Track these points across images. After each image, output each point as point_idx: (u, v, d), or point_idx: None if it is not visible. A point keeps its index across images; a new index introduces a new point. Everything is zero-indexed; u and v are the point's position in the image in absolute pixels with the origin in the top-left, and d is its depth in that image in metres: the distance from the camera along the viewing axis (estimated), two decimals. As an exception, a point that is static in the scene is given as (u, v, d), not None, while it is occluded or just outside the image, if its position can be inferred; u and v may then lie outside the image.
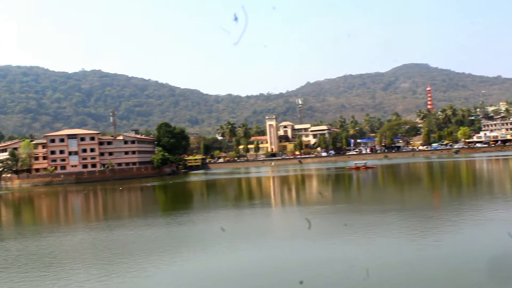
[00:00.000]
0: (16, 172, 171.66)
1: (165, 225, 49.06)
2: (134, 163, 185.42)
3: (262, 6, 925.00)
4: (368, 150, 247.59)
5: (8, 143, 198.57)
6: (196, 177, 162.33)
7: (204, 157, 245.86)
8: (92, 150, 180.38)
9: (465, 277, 23.57)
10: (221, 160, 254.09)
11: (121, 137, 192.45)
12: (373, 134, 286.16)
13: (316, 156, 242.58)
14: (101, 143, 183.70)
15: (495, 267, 25.01)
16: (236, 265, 29.20)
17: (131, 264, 30.83)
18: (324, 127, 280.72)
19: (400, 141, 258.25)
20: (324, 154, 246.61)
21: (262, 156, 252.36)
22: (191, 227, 46.15)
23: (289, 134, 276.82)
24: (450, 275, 24.03)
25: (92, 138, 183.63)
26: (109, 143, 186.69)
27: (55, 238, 44.43)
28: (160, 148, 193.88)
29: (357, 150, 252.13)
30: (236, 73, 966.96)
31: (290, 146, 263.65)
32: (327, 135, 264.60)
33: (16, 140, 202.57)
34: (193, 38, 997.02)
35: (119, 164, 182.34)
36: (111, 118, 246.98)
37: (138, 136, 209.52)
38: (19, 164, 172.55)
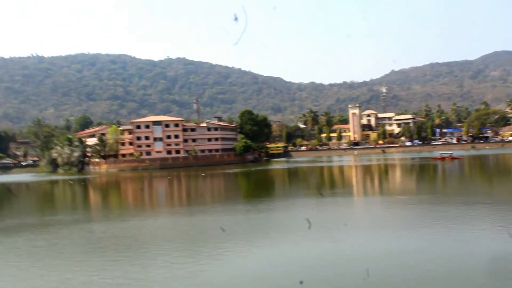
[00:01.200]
0: (104, 157, 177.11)
1: (244, 212, 49.69)
2: (217, 150, 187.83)
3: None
4: (454, 140, 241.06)
5: (97, 129, 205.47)
6: (278, 164, 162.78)
7: (286, 145, 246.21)
8: (176, 136, 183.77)
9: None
10: (303, 148, 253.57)
11: (204, 124, 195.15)
12: (460, 124, 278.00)
13: (400, 146, 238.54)
14: (185, 130, 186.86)
15: None
16: (308, 256, 29.04)
17: (203, 249, 31.49)
18: (409, 116, 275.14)
19: (489, 132, 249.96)
20: (408, 143, 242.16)
21: (345, 144, 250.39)
22: (270, 215, 46.41)
23: (373, 123, 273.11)
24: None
25: (177, 125, 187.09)
26: (192, 129, 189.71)
27: (137, 221, 45.83)
28: (243, 136, 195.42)
29: (442, 140, 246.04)
30: (319, 61, 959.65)
31: (373, 135, 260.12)
32: (411, 124, 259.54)
33: (104, 126, 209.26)
34: (276, 26, 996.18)
35: (202, 151, 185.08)
36: (195, 105, 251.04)
37: (221, 123, 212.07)
38: (107, 149, 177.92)
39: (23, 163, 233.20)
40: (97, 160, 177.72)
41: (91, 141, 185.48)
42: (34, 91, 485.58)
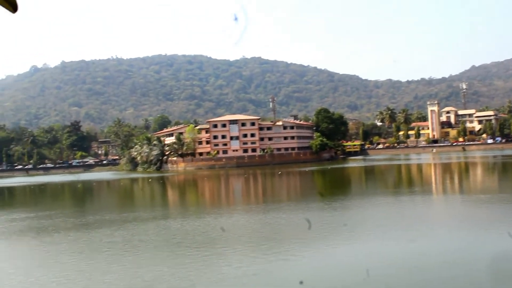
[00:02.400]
0: (182, 155, 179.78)
1: (319, 209, 49.32)
2: (292, 148, 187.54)
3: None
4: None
5: (174, 128, 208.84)
6: (355, 163, 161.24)
7: (363, 143, 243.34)
8: (252, 135, 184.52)
9: None
10: (380, 146, 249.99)
11: (280, 123, 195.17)
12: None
13: (481, 143, 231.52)
14: (261, 129, 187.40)
15: None
16: (379, 256, 28.44)
17: (271, 248, 31.32)
18: (491, 113, 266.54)
19: None
20: (490, 141, 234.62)
21: (423, 142, 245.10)
22: (343, 213, 46.00)
23: (452, 120, 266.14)
24: None
25: (253, 124, 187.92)
26: (268, 128, 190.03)
27: (212, 219, 46.24)
28: (319, 134, 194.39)
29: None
30: (397, 57, 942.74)
31: (452, 132, 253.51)
32: (493, 121, 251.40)
33: (182, 125, 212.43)
34: (353, 24, 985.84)
35: (278, 149, 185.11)
36: (271, 104, 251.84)
37: (297, 121, 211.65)
38: (184, 148, 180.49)
39: (104, 162, 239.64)
40: (175, 158, 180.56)
41: (169, 140, 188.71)
42: (114, 92, 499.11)
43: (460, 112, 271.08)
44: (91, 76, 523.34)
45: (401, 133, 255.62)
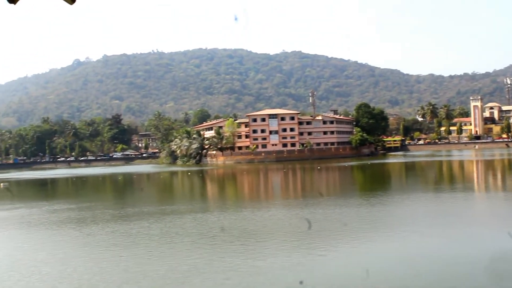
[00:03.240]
0: (221, 149, 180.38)
1: (356, 205, 48.94)
2: (332, 143, 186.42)
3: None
4: None
5: (214, 122, 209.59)
6: (395, 158, 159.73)
7: (403, 138, 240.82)
8: (292, 129, 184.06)
9: None
10: (421, 142, 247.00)
11: (320, 117, 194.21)
12: None
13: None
14: (300, 123, 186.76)
15: None
16: (414, 253, 28.13)
17: (308, 243, 31.26)
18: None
19: None
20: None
21: (465, 138, 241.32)
22: (381, 209, 45.56)
23: (496, 116, 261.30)
24: None
25: (292, 118, 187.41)
26: (308, 123, 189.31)
27: (249, 212, 46.42)
28: (359, 129, 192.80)
29: None
30: (439, 51, 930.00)
31: (496, 128, 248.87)
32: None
33: (221, 119, 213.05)
34: (394, 18, 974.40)
35: (318, 144, 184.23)
36: (311, 98, 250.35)
37: (337, 116, 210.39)
38: (224, 142, 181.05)
39: (144, 155, 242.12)
40: (214, 152, 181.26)
41: (209, 134, 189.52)
42: (155, 85, 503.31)
43: (504, 108, 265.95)
44: (132, 69, 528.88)
45: (442, 128, 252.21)
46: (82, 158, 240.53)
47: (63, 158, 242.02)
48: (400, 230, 34.34)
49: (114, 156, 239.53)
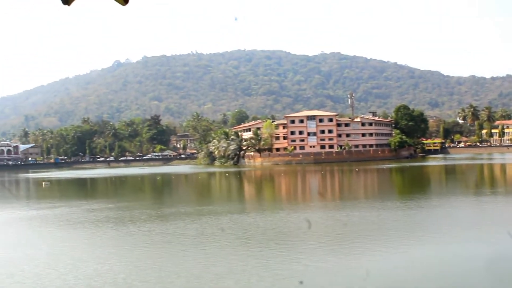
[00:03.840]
0: (259, 150, 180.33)
1: (393, 208, 48.42)
2: (370, 145, 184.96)
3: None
4: None
5: (252, 123, 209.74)
6: (435, 161, 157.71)
7: (443, 141, 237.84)
8: (330, 131, 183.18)
9: None
10: (461, 144, 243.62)
11: (358, 119, 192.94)
12: None
13: None
14: (338, 125, 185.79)
15: None
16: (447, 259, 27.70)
17: (341, 247, 31.05)
18: None
19: None
20: None
21: (508, 141, 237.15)
22: (417, 212, 45.09)
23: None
24: None
25: (331, 120, 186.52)
26: (346, 124, 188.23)
27: (285, 214, 46.38)
28: (398, 131, 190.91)
29: None
30: (481, 52, 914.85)
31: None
32: None
33: (259, 121, 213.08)
34: (434, 18, 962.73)
35: (356, 146, 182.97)
36: (349, 100, 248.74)
37: (376, 118, 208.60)
38: (262, 143, 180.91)
39: (183, 155, 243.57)
40: (252, 153, 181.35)
41: (247, 135, 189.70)
42: (193, 87, 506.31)
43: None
44: (171, 71, 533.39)
45: (484, 131, 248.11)
46: (121, 158, 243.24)
47: (102, 158, 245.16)
48: (436, 234, 33.85)
49: (153, 157, 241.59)
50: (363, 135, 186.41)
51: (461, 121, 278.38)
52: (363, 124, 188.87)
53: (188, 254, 29.94)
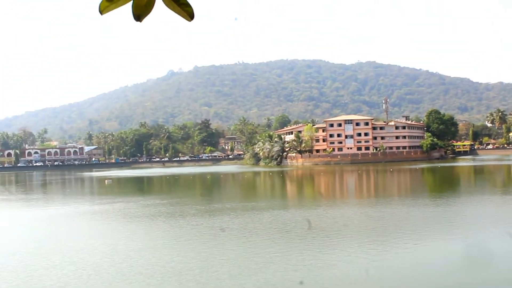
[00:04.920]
0: (300, 152, 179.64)
1: (423, 205, 47.48)
2: (404, 147, 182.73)
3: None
4: None
5: (294, 127, 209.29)
6: (464, 162, 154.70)
7: (472, 143, 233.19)
8: (366, 134, 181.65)
9: None
10: (489, 146, 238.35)
11: (392, 123, 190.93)
12: None
13: None
14: (374, 128, 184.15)
15: None
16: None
17: (373, 239, 30.63)
18: None
19: None
20: None
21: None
22: (446, 209, 44.12)
23: None
24: None
25: (367, 123, 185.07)
26: (381, 128, 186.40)
27: (321, 210, 45.98)
28: (429, 134, 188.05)
29: None
30: (509, 59, 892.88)
31: None
32: None
33: (301, 124, 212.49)
34: (462, 25, 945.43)
35: (390, 148, 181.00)
36: (384, 105, 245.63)
37: (409, 122, 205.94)
38: (303, 145, 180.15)
39: (230, 156, 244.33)
40: (294, 154, 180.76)
41: (289, 137, 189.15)
42: (240, 93, 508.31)
43: None
44: (220, 79, 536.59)
45: (511, 134, 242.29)
46: (175, 159, 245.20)
47: (158, 159, 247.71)
48: (463, 230, 33.05)
49: (203, 157, 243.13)
50: (397, 137, 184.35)
51: (489, 125, 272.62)
52: (397, 128, 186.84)
53: (231, 246, 29.93)
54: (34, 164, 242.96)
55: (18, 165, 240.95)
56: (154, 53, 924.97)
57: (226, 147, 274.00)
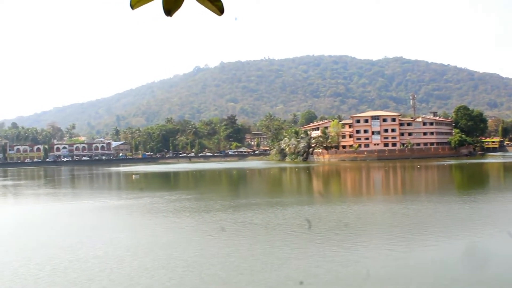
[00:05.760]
0: (326, 148, 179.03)
1: (450, 203, 46.69)
2: (431, 143, 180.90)
3: None
4: None
5: (320, 122, 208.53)
6: (493, 158, 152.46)
7: (502, 139, 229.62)
8: (393, 130, 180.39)
9: None
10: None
11: (420, 119, 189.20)
12: None
13: None
14: (401, 124, 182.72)
15: None
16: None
17: (402, 237, 30.35)
18: None
19: None
20: None
21: None
22: (473, 206, 43.44)
23: None
24: None
25: (393, 120, 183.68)
26: (408, 124, 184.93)
27: (345, 206, 45.54)
28: (458, 130, 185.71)
29: None
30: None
31: None
32: None
33: (327, 120, 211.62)
34: (489, 20, 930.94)
35: (418, 144, 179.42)
36: (411, 101, 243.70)
37: (436, 118, 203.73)
38: (329, 141, 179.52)
39: (256, 152, 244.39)
40: (320, 150, 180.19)
41: (315, 133, 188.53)
42: (266, 89, 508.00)
43: None
44: (246, 75, 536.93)
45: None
46: (201, 154, 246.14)
47: (184, 154, 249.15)
48: (489, 228, 32.35)
49: (229, 153, 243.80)
50: (425, 134, 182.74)
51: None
52: (424, 124, 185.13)
53: (254, 242, 29.84)
54: (63, 159, 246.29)
55: (47, 160, 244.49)
56: (181, 49, 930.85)
57: (252, 143, 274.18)
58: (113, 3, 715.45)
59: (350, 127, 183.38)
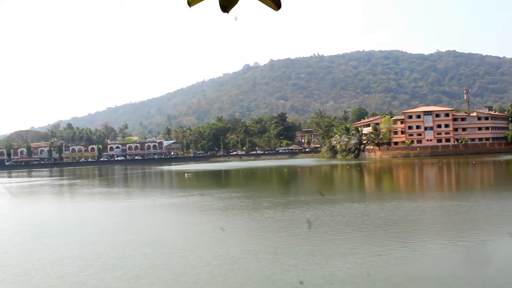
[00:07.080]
0: (378, 144, 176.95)
1: (505, 199, 45.28)
2: (487, 139, 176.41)
3: None
4: None
5: (371, 119, 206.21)
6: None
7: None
8: (446, 125, 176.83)
9: None
10: None
11: (474, 114, 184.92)
12: None
13: None
14: (455, 119, 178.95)
15: None
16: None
17: (452, 233, 29.91)
18: None
19: None
20: None
21: None
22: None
23: None
24: None
25: (447, 115, 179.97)
26: (462, 119, 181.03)
27: (396, 203, 44.75)
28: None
29: None
30: None
31: None
32: None
33: (378, 117, 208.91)
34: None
35: (472, 139, 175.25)
36: (465, 95, 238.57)
37: (492, 112, 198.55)
38: (380, 137, 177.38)
39: (307, 149, 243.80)
40: (371, 147, 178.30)
41: (366, 130, 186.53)
42: (316, 86, 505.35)
43: None
44: (295, 72, 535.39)
45: None
46: (252, 152, 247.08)
47: (235, 152, 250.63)
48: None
49: (280, 151, 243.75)
50: (479, 129, 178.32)
51: None
52: (479, 118, 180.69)
53: (300, 239, 29.62)
54: (116, 159, 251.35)
55: (101, 159, 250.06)
56: (230, 48, 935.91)
57: (303, 140, 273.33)
58: (164, 3, 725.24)
59: (402, 123, 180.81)
